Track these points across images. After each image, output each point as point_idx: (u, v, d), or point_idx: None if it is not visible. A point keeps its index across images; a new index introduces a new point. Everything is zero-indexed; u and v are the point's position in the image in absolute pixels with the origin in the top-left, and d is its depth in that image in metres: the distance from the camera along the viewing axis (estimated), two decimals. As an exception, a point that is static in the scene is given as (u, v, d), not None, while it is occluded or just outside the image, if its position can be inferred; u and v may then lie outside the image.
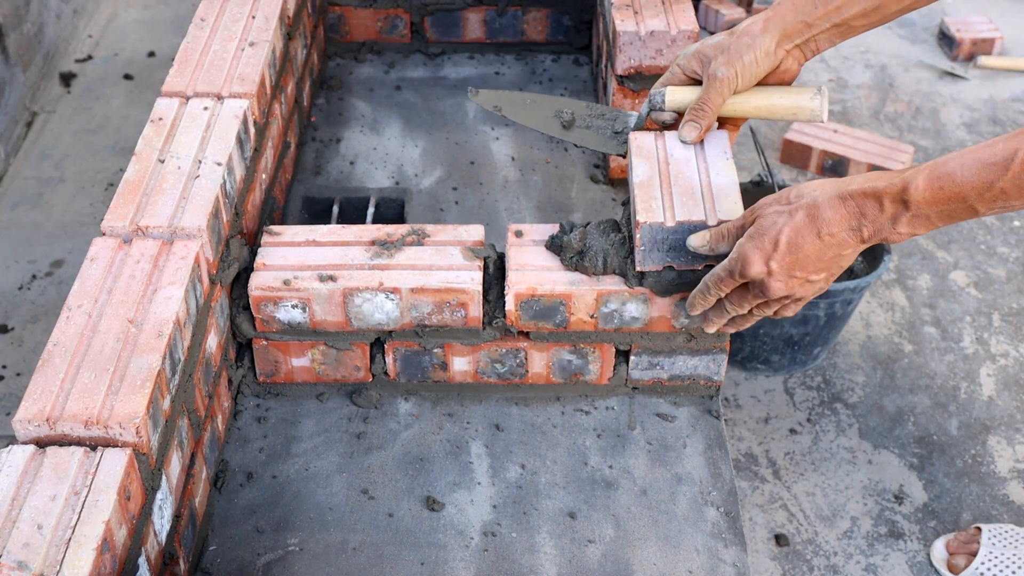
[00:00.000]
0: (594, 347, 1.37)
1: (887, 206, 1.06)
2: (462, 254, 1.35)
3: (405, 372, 1.40)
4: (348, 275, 1.32)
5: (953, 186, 1.02)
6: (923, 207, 1.04)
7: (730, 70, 1.26)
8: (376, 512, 1.27)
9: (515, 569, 1.21)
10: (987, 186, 1.01)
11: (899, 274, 2.62)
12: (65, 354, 1.12)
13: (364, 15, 2.08)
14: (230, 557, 1.23)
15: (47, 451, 1.04)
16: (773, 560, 2.01)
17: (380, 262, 1.34)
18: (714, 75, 1.27)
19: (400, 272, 1.32)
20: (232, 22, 1.63)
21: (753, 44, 1.26)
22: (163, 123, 1.42)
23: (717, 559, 1.23)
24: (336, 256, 1.34)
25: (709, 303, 1.23)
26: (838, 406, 2.30)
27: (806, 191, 1.12)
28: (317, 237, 1.38)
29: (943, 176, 1.02)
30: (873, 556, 2.02)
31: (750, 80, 1.28)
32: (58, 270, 2.53)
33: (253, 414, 1.39)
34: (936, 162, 1.04)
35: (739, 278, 1.16)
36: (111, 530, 0.99)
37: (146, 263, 1.23)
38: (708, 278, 1.20)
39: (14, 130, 2.89)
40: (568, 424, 1.38)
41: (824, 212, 1.09)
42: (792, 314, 1.21)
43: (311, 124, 1.92)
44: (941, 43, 3.42)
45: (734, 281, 1.17)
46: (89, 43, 3.34)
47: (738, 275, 1.15)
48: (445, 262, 1.34)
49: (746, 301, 1.19)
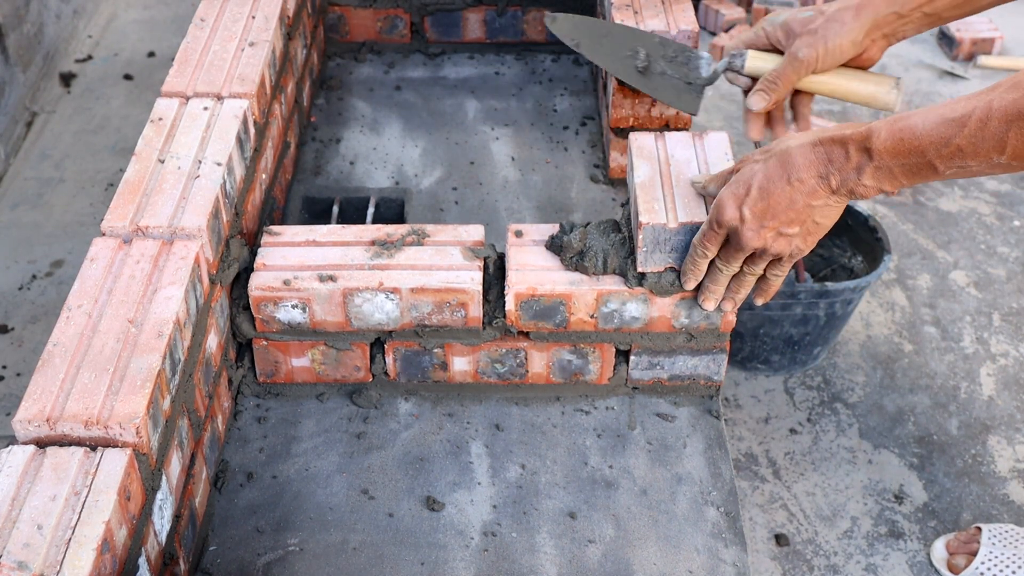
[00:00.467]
0: (594, 347, 1.37)
1: (852, 154, 1.08)
2: (462, 254, 1.35)
3: (405, 372, 1.40)
4: (348, 275, 1.32)
5: (913, 139, 1.03)
6: (885, 158, 1.06)
7: (812, 52, 1.27)
8: (376, 512, 1.27)
9: (515, 569, 1.21)
10: (945, 142, 1.02)
11: (899, 274, 2.62)
12: (65, 354, 1.12)
13: (364, 15, 2.08)
14: (230, 557, 1.23)
15: (47, 451, 1.04)
16: (773, 560, 2.01)
17: (380, 262, 1.34)
18: (795, 54, 1.28)
19: (400, 272, 1.32)
20: (232, 22, 1.63)
21: (842, 31, 1.27)
22: (163, 123, 1.42)
23: (717, 559, 1.23)
24: (336, 256, 1.34)
25: (700, 268, 1.24)
26: (838, 406, 2.30)
27: (783, 141, 1.14)
28: (317, 237, 1.38)
29: (905, 128, 1.04)
30: (873, 556, 2.02)
31: (832, 64, 1.29)
32: (58, 270, 2.53)
33: (253, 414, 1.39)
34: (901, 114, 1.06)
35: (717, 227, 1.17)
36: (111, 530, 0.99)
37: (146, 263, 1.23)
38: (695, 239, 1.22)
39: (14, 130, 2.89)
40: (568, 424, 1.38)
41: (795, 158, 1.11)
42: (779, 277, 1.22)
43: (311, 124, 1.92)
44: (941, 43, 3.42)
45: (715, 233, 1.18)
46: (89, 43, 3.34)
47: (715, 223, 1.17)
48: (445, 262, 1.34)
49: (732, 257, 1.20)
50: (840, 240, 2.39)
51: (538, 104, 1.97)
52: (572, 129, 1.91)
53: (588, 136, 1.89)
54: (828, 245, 2.40)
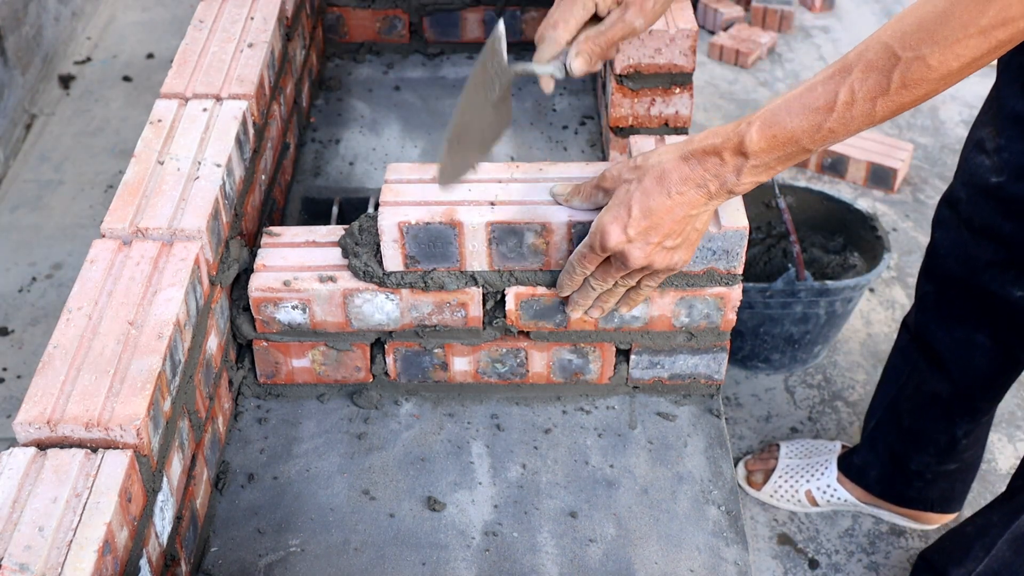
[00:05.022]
0: (594, 346, 1.37)
1: (728, 159, 1.11)
2: (462, 254, 1.35)
3: (405, 372, 1.40)
4: (348, 276, 1.32)
5: (785, 133, 1.08)
6: (761, 156, 1.09)
7: (643, 20, 1.32)
8: (377, 512, 1.27)
9: (516, 569, 1.21)
10: (816, 128, 1.06)
11: (899, 272, 2.62)
12: (65, 356, 1.12)
13: (363, 16, 2.08)
14: (231, 558, 1.23)
15: (48, 453, 1.04)
16: (775, 559, 2.01)
17: (380, 262, 1.34)
18: (632, 22, 1.31)
19: (400, 272, 1.32)
20: (231, 23, 1.63)
21: None
22: (162, 125, 1.42)
23: (719, 558, 1.23)
24: (336, 257, 1.34)
25: (576, 283, 1.26)
26: (839, 404, 2.30)
27: (652, 157, 1.16)
28: (317, 238, 1.38)
29: (775, 125, 1.08)
30: (875, 554, 2.02)
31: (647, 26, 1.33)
32: (58, 272, 2.53)
33: (254, 415, 1.39)
34: (764, 112, 1.09)
35: (601, 252, 1.19)
36: (112, 532, 0.99)
37: (146, 265, 1.23)
38: (572, 257, 1.23)
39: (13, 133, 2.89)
40: (569, 423, 1.38)
41: (670, 173, 1.13)
42: (651, 288, 1.24)
43: (310, 125, 1.92)
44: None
45: (596, 256, 1.20)
46: (88, 45, 3.34)
47: (599, 248, 1.18)
48: (445, 262, 1.33)
49: (609, 275, 1.22)
50: (840, 239, 2.39)
51: (537, 104, 1.97)
52: (571, 129, 1.91)
53: (587, 136, 1.89)
54: (828, 244, 2.39)
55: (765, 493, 2.09)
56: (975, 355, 1.76)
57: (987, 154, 1.60)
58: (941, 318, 1.78)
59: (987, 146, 1.60)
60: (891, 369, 1.94)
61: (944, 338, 1.79)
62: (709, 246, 1.27)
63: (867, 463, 2.01)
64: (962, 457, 1.92)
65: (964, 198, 1.66)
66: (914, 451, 1.93)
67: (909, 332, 1.88)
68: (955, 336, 1.77)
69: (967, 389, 1.81)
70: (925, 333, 1.82)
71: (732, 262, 1.28)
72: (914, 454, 1.93)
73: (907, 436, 1.91)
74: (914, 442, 1.91)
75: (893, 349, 1.93)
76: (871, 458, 2.00)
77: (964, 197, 1.66)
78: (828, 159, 2.95)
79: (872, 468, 2.00)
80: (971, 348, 1.76)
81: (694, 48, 1.68)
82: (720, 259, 1.28)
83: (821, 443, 2.14)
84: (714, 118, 3.20)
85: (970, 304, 1.72)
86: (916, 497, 2.00)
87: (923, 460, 1.93)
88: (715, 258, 1.28)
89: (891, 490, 2.01)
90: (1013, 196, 1.58)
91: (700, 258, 1.28)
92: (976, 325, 1.74)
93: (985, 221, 1.63)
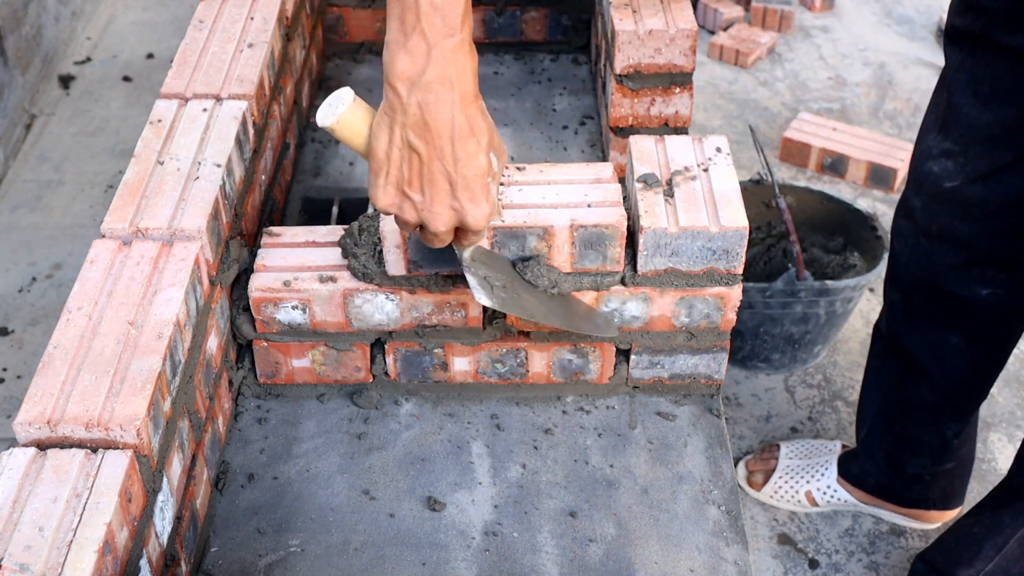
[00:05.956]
0: (594, 346, 1.37)
1: (399, 89, 1.02)
2: (462, 254, 1.35)
3: (405, 372, 1.40)
4: (348, 276, 1.32)
5: (400, 28, 1.01)
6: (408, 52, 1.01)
7: None
8: (377, 513, 1.27)
9: (517, 569, 1.21)
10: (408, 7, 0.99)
11: (899, 272, 2.61)
12: (65, 356, 1.12)
13: (363, 16, 2.08)
14: (232, 558, 1.23)
15: (48, 453, 1.04)
16: (775, 559, 2.01)
17: (380, 262, 1.34)
18: None
19: (400, 272, 1.32)
20: (231, 23, 1.63)
21: None
22: (162, 125, 1.42)
23: (719, 557, 1.23)
24: (336, 257, 1.34)
25: None
26: (839, 404, 2.30)
27: None
28: (317, 238, 1.38)
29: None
30: (875, 554, 2.02)
31: None
32: (58, 272, 2.53)
33: (254, 415, 1.39)
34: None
35: None
36: (112, 532, 0.99)
37: (146, 265, 1.23)
38: None
39: (13, 133, 2.89)
40: (569, 423, 1.38)
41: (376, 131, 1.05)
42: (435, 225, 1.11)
43: (310, 125, 1.92)
44: (940, 40, 3.41)
45: None
46: (88, 45, 3.34)
47: None
48: (445, 262, 1.33)
49: None
50: (840, 238, 2.39)
51: (537, 104, 1.97)
52: (571, 129, 1.91)
53: (587, 135, 1.89)
54: (828, 244, 2.39)
55: (765, 494, 2.09)
56: (951, 357, 1.77)
57: (937, 160, 1.60)
58: (912, 324, 1.79)
59: (936, 153, 1.60)
60: (872, 375, 1.94)
61: (919, 343, 1.79)
62: (709, 246, 1.27)
63: (866, 471, 2.01)
64: (957, 455, 1.92)
65: (919, 206, 1.67)
66: (909, 455, 1.93)
67: (883, 338, 1.88)
68: (928, 340, 1.77)
69: (949, 391, 1.82)
70: (899, 339, 1.82)
71: (732, 262, 1.29)
72: (910, 458, 1.93)
73: (900, 442, 1.92)
74: (908, 447, 1.92)
75: (870, 354, 1.93)
76: (870, 466, 2.00)
77: (919, 205, 1.67)
78: (828, 159, 2.95)
79: (871, 476, 2.01)
80: (946, 350, 1.76)
81: (694, 48, 1.68)
82: (720, 259, 1.28)
83: (821, 443, 2.14)
84: (714, 118, 3.20)
85: (938, 308, 1.73)
86: (917, 498, 2.00)
87: (919, 463, 1.93)
88: (715, 258, 1.28)
89: (891, 493, 2.02)
90: (969, 199, 1.59)
91: (700, 258, 1.28)
92: (948, 328, 1.74)
93: (942, 226, 1.64)
